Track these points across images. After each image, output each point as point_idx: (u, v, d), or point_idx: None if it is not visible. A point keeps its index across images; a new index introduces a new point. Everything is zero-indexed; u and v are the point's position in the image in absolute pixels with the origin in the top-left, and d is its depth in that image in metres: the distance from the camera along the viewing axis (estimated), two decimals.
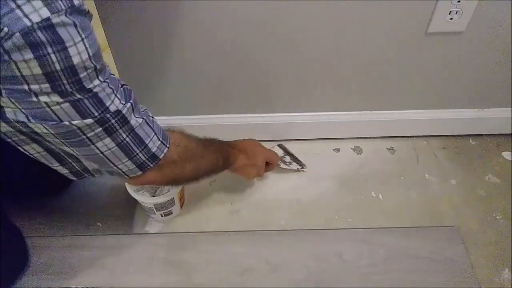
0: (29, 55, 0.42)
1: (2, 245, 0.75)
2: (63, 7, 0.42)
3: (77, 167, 0.63)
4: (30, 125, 0.49)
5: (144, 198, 0.85)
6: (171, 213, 0.90)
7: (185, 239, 0.89)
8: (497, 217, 0.91)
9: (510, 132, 1.05)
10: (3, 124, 0.50)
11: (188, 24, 0.80)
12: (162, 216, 0.90)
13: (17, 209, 0.91)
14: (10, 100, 0.46)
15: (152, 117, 0.62)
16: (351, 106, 0.99)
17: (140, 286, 0.82)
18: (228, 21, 0.79)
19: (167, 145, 0.62)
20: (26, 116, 0.48)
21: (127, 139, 0.56)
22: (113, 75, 0.54)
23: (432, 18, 0.78)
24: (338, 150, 1.04)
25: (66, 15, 0.43)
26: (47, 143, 0.55)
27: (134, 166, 0.60)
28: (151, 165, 0.61)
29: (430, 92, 0.96)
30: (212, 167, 0.75)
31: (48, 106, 0.47)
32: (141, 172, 0.61)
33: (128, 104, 0.54)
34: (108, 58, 1.28)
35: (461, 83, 0.93)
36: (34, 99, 0.46)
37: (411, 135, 1.06)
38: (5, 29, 0.39)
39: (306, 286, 0.82)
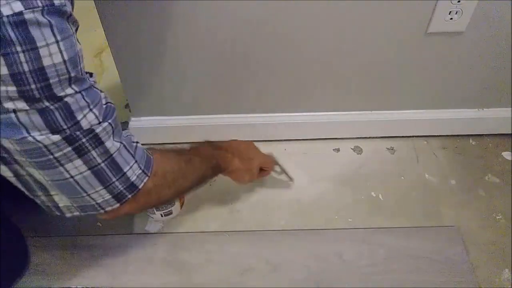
0: None
1: (2, 245, 0.75)
2: (40, 4, 0.39)
3: (46, 201, 0.56)
4: None
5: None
6: (171, 213, 0.90)
7: (185, 239, 0.89)
8: (497, 217, 0.91)
9: (510, 132, 1.05)
10: None
11: (188, 24, 0.80)
12: (162, 216, 0.90)
13: (17, 209, 0.91)
14: None
15: (137, 142, 0.57)
16: (351, 106, 0.99)
17: (140, 286, 0.82)
18: (228, 21, 0.79)
19: (148, 174, 0.57)
20: None
21: (102, 164, 0.50)
22: (98, 89, 0.49)
23: (432, 18, 0.78)
24: (338, 150, 1.04)
25: (42, 14, 0.39)
26: (16, 166, 0.49)
27: (110, 197, 0.54)
28: (129, 196, 0.55)
29: (430, 92, 0.96)
30: (198, 180, 0.72)
31: (14, 113, 0.42)
32: (118, 205, 0.55)
33: (105, 124, 0.49)
34: (108, 58, 1.29)
35: (461, 83, 0.93)
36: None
37: (411, 135, 1.06)
38: None
39: (306, 286, 0.82)
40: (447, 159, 1.03)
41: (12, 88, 0.40)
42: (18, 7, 0.38)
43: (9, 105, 0.41)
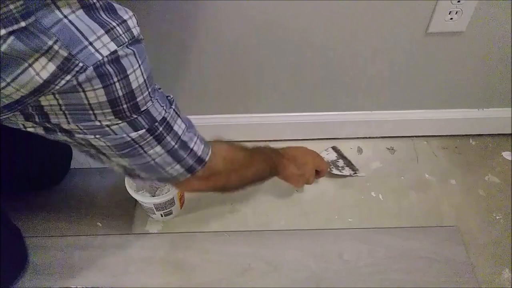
0: (98, 85, 0.45)
1: (1, 246, 0.75)
2: (126, 40, 0.46)
3: (129, 173, 0.65)
4: (87, 137, 0.52)
5: (144, 198, 0.85)
6: (171, 213, 0.90)
7: (185, 239, 0.89)
8: (497, 217, 0.91)
9: (510, 132, 1.05)
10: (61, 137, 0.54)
11: (190, 25, 0.80)
12: (162, 216, 0.90)
13: (17, 209, 0.91)
14: (75, 125, 0.50)
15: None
16: (351, 106, 0.99)
17: (140, 286, 0.82)
18: (229, 22, 0.79)
19: (209, 148, 0.65)
20: (84, 133, 0.52)
21: (175, 145, 0.59)
22: (157, 87, 0.57)
23: (432, 18, 0.78)
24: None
25: (127, 47, 0.47)
26: (102, 156, 0.59)
27: (184, 170, 0.62)
28: (199, 168, 0.64)
29: (430, 92, 0.96)
30: (258, 176, 0.78)
31: (108, 127, 0.51)
32: (190, 175, 0.64)
33: (171, 111, 0.58)
34: None
35: (461, 83, 0.93)
36: (97, 123, 0.50)
37: (411, 135, 1.06)
38: (80, 64, 0.43)
39: (306, 286, 0.82)
40: (447, 159, 1.03)
41: (108, 111, 0.49)
42: (112, 46, 0.45)
43: (105, 122, 0.50)
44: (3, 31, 0.38)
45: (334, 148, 1.03)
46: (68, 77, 0.43)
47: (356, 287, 0.82)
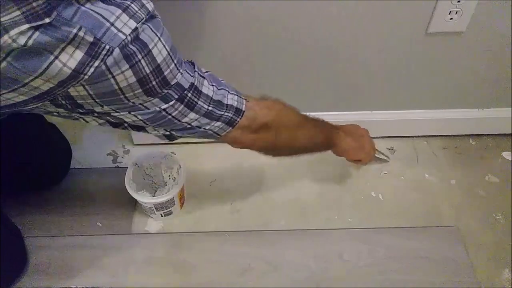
0: (125, 66, 0.46)
1: (1, 246, 0.75)
2: (143, 15, 0.47)
3: (168, 136, 0.65)
4: (120, 115, 0.53)
5: (144, 198, 0.85)
6: (171, 213, 0.90)
7: (185, 239, 0.89)
8: (497, 217, 0.91)
9: (510, 132, 1.05)
10: (93, 121, 0.56)
11: (190, 24, 0.80)
12: (162, 216, 0.90)
13: (17, 209, 0.91)
14: (108, 107, 0.51)
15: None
16: (351, 106, 0.99)
17: (140, 286, 0.82)
18: (229, 22, 0.79)
19: (243, 97, 0.64)
20: (118, 112, 0.52)
21: (209, 107, 0.59)
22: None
23: (432, 18, 0.78)
24: None
25: (144, 23, 0.47)
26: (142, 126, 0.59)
27: (224, 124, 0.62)
28: (238, 119, 0.63)
29: (430, 92, 0.96)
30: (312, 141, 0.75)
31: (141, 104, 0.52)
32: (231, 128, 0.63)
33: (196, 74, 0.57)
34: None
35: (461, 83, 0.93)
36: (130, 103, 0.51)
37: (411, 135, 1.06)
38: (107, 47, 0.44)
39: (306, 286, 0.82)
40: (447, 159, 1.03)
41: (138, 91, 0.49)
42: (132, 24, 0.45)
43: (137, 101, 0.51)
44: (26, 26, 0.39)
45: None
46: (96, 63, 0.44)
47: (356, 287, 0.82)
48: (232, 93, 0.63)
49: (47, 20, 0.40)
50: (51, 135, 0.92)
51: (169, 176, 0.92)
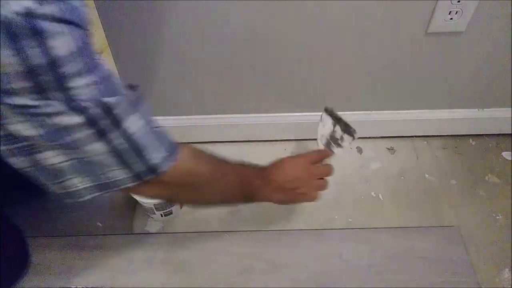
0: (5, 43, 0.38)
1: (3, 246, 0.75)
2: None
3: (59, 188, 0.56)
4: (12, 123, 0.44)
5: (144, 198, 0.85)
6: (171, 213, 0.90)
7: (185, 239, 0.89)
8: (497, 217, 0.91)
9: (510, 132, 1.05)
10: None
11: (188, 25, 0.80)
12: (162, 216, 0.90)
13: (17, 209, 0.91)
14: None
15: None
16: (351, 106, 0.99)
17: (140, 286, 0.82)
18: (229, 22, 0.79)
19: (173, 159, 0.56)
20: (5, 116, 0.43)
21: (125, 145, 0.50)
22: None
23: (432, 18, 0.78)
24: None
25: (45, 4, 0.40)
26: (37, 155, 0.49)
27: (130, 176, 0.54)
28: (150, 177, 0.55)
29: (430, 92, 0.96)
30: (225, 200, 0.69)
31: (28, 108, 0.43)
32: (135, 184, 0.55)
33: (124, 98, 0.49)
34: (108, 58, 1.28)
35: (461, 83, 0.93)
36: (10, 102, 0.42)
37: (411, 135, 1.06)
38: None
39: (306, 286, 0.82)
40: (447, 159, 1.03)
41: (21, 82, 0.41)
42: (27, 3, 0.38)
43: (20, 101, 0.42)
44: None
45: (327, 112, 0.82)
46: None
47: (356, 287, 0.82)
48: (164, 147, 0.54)
49: None
50: None
51: None
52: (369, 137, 1.06)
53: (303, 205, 0.94)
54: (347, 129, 0.80)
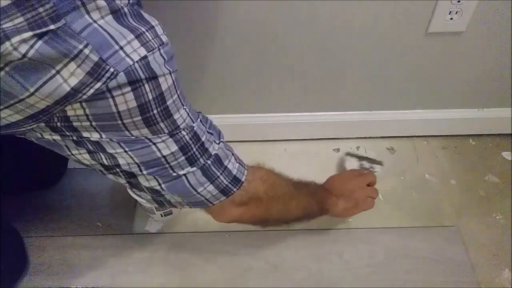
0: (127, 89, 0.44)
1: (2, 247, 0.75)
2: (155, 45, 0.45)
3: (157, 200, 0.61)
4: (115, 153, 0.50)
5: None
6: (171, 213, 0.90)
7: (185, 239, 0.89)
8: (497, 217, 0.91)
9: (510, 132, 1.05)
10: (87, 156, 0.52)
11: (189, 24, 0.80)
12: (162, 216, 0.90)
13: (17, 209, 0.91)
14: (104, 134, 0.48)
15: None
16: (351, 106, 0.99)
17: (140, 286, 0.82)
18: (229, 21, 0.79)
19: (245, 167, 0.61)
20: (112, 145, 0.49)
21: (208, 161, 0.56)
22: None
23: (432, 18, 0.78)
24: (338, 150, 1.04)
25: (159, 53, 0.46)
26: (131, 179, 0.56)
27: (218, 192, 0.59)
28: (235, 189, 0.60)
29: (430, 92, 0.96)
30: (305, 212, 0.72)
31: (138, 138, 0.49)
32: (224, 197, 0.60)
33: (199, 122, 0.55)
34: None
35: (461, 83, 0.93)
36: (126, 132, 0.48)
37: (411, 135, 1.06)
38: (111, 70, 0.41)
39: (306, 286, 0.82)
40: (447, 159, 1.03)
41: (138, 118, 0.47)
42: (142, 51, 0.44)
43: (134, 132, 0.48)
44: (30, 33, 0.37)
45: (349, 154, 1.00)
46: (98, 85, 0.42)
47: (356, 287, 0.82)
48: (235, 159, 0.60)
49: (52, 26, 0.37)
50: None
51: None
52: (369, 137, 1.06)
53: None
54: (373, 161, 0.99)
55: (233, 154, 0.60)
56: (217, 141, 0.58)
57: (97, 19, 0.41)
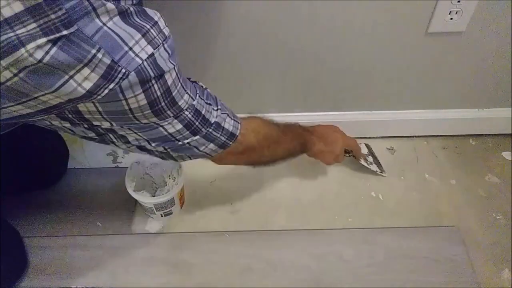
0: (138, 90, 0.46)
1: (1, 247, 0.75)
2: (160, 41, 0.47)
3: (162, 155, 0.66)
4: (125, 134, 0.55)
5: (144, 198, 0.85)
6: (171, 213, 0.90)
7: (185, 239, 0.89)
8: (497, 217, 0.91)
9: (510, 132, 1.05)
10: (96, 137, 0.56)
11: (189, 24, 0.80)
12: (162, 216, 0.90)
13: (17, 209, 0.91)
14: (116, 123, 0.51)
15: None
16: (351, 106, 0.99)
17: (140, 286, 0.82)
18: (229, 21, 0.79)
19: (239, 122, 0.67)
20: (123, 129, 0.54)
21: (209, 129, 0.61)
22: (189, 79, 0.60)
23: (432, 18, 0.78)
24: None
25: (163, 48, 0.48)
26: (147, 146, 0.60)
27: (217, 147, 0.65)
28: (231, 143, 0.66)
29: (430, 92, 0.96)
30: (289, 152, 0.80)
31: (147, 124, 0.53)
32: (222, 150, 0.66)
33: (197, 97, 0.59)
34: None
35: (461, 83, 0.93)
36: (136, 122, 0.51)
37: (411, 135, 1.07)
38: (123, 71, 0.43)
39: (306, 286, 0.82)
40: (447, 159, 1.03)
41: (148, 112, 0.50)
42: (149, 49, 0.46)
43: (145, 121, 0.52)
44: (44, 39, 0.38)
45: (366, 145, 1.03)
46: (111, 86, 0.44)
47: (356, 287, 0.82)
48: (230, 117, 0.65)
49: (64, 32, 0.39)
50: (45, 134, 0.92)
51: (169, 176, 0.92)
52: (369, 137, 1.06)
53: (303, 205, 0.94)
54: (379, 165, 1.00)
55: (228, 115, 0.65)
56: (215, 108, 0.63)
57: (106, 22, 0.42)
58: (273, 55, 0.86)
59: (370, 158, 1.00)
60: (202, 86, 0.63)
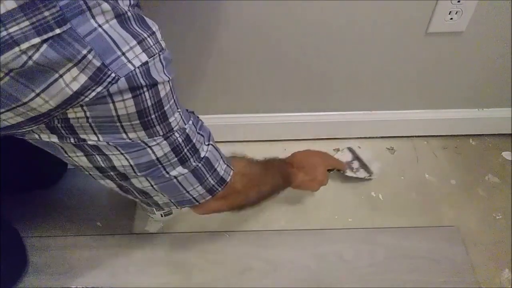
0: (128, 96, 0.45)
1: (2, 247, 0.75)
2: (156, 51, 0.46)
3: (145, 201, 0.63)
4: (110, 155, 0.51)
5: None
6: (171, 213, 0.90)
7: (185, 239, 0.89)
8: (497, 217, 0.91)
9: (510, 132, 1.05)
10: (84, 158, 0.52)
11: (187, 25, 0.80)
12: (162, 216, 0.90)
13: (17, 209, 0.91)
14: (102, 137, 0.48)
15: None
16: (351, 106, 0.99)
17: (140, 286, 0.82)
18: (228, 22, 0.79)
19: (232, 168, 0.63)
20: (109, 147, 0.50)
21: (199, 163, 0.57)
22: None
23: (432, 18, 0.78)
24: (338, 150, 1.04)
25: (159, 59, 0.47)
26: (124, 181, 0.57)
27: (205, 191, 0.61)
28: (220, 189, 0.62)
29: (430, 92, 0.96)
30: (274, 189, 0.76)
31: (134, 141, 0.50)
32: (210, 197, 0.62)
33: (190, 125, 0.57)
34: None
35: (461, 83, 0.93)
36: (123, 135, 0.49)
37: (411, 135, 1.06)
38: (112, 75, 0.42)
39: (306, 286, 0.82)
40: (447, 159, 1.03)
41: (136, 121, 0.48)
42: (144, 57, 0.45)
43: (131, 134, 0.49)
44: (38, 39, 0.37)
45: (350, 149, 1.01)
46: (99, 89, 0.42)
47: (356, 287, 0.82)
48: (223, 161, 0.62)
49: (57, 31, 0.38)
50: None
51: None
52: (369, 137, 1.06)
53: (303, 205, 0.94)
54: (365, 168, 0.98)
55: (221, 156, 0.62)
56: (207, 143, 0.59)
57: (102, 24, 0.41)
58: (273, 55, 0.86)
59: (356, 164, 0.99)
60: (197, 117, 0.61)
